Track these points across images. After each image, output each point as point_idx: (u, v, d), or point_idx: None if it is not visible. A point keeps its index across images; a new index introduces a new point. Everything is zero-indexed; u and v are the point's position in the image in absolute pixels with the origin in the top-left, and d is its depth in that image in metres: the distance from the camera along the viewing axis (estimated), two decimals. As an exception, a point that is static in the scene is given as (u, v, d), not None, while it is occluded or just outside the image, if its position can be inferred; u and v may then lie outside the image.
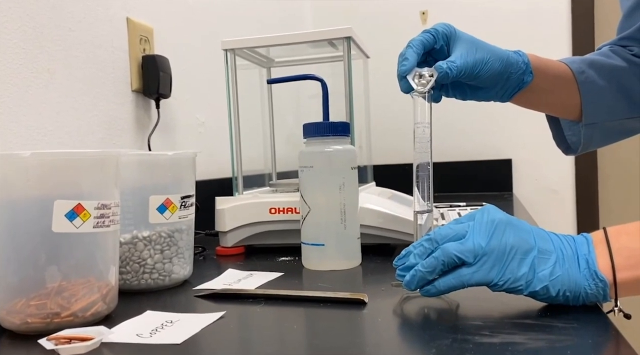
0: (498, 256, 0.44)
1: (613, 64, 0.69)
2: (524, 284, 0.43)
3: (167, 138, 1.01)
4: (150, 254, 0.59)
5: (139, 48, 0.91)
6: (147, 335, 0.44)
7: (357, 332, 0.46)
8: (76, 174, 0.47)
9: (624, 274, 0.42)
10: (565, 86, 0.68)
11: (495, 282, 0.44)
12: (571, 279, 0.43)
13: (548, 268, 0.43)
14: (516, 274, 0.43)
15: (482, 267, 0.44)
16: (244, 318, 0.50)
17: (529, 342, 0.38)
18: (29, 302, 0.46)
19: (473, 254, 0.44)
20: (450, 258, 0.44)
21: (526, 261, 0.43)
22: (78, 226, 0.46)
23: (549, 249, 0.44)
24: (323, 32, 0.79)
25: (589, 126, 0.70)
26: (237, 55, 0.83)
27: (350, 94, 0.78)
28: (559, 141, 0.78)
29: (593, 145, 0.73)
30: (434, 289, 0.46)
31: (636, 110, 0.69)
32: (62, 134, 0.75)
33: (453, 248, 0.44)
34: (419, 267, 0.46)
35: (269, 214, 0.77)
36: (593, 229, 0.46)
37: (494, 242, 0.44)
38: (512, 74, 0.62)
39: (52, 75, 0.73)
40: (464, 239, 0.45)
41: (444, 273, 0.45)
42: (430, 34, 0.58)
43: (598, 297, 0.43)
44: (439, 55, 0.60)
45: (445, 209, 1.16)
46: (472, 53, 0.58)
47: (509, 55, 0.62)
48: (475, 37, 0.60)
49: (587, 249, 0.44)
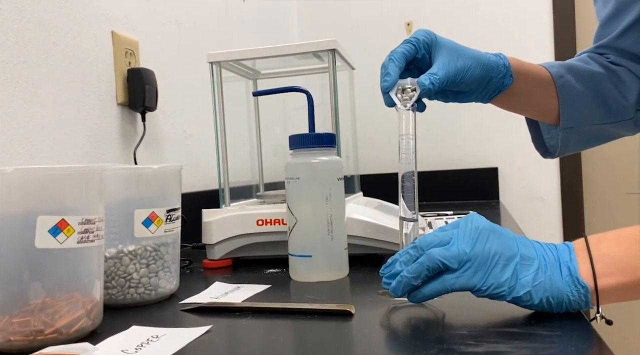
0: (481, 262, 0.44)
1: (591, 70, 0.70)
2: (507, 289, 0.44)
3: (154, 151, 1.01)
4: (135, 268, 0.59)
5: (124, 61, 0.91)
6: (132, 350, 0.44)
7: (344, 343, 0.46)
8: (59, 189, 0.47)
9: (605, 280, 0.43)
10: (545, 90, 0.69)
11: (479, 287, 0.44)
12: (554, 285, 0.43)
13: (531, 274, 0.44)
14: (499, 279, 0.44)
15: (465, 273, 0.44)
16: (231, 332, 0.50)
17: (514, 350, 0.38)
18: (12, 319, 0.45)
19: (457, 259, 0.45)
20: (435, 263, 0.45)
21: (509, 267, 0.44)
22: (62, 242, 0.46)
23: (532, 255, 0.45)
24: (308, 44, 0.80)
25: (566, 130, 0.71)
26: (223, 67, 0.83)
27: (335, 105, 0.78)
28: (538, 144, 0.79)
29: (570, 149, 0.74)
30: (419, 294, 0.47)
31: (611, 116, 0.70)
32: (47, 149, 0.74)
33: (437, 253, 0.45)
34: (404, 273, 0.46)
35: (257, 226, 0.76)
36: (578, 237, 0.47)
37: (477, 248, 0.45)
38: (493, 77, 0.63)
39: (36, 89, 0.73)
40: (448, 245, 0.46)
41: (429, 279, 0.46)
42: (411, 44, 0.58)
43: (580, 304, 0.44)
44: (421, 63, 0.60)
45: (432, 218, 1.17)
46: (453, 61, 0.59)
47: (490, 59, 0.62)
48: (456, 43, 0.61)
49: (568, 256, 0.45)
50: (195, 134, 1.16)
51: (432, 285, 0.46)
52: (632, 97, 0.69)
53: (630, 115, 0.70)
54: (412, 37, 0.59)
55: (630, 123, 0.71)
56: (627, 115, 0.70)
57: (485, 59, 0.62)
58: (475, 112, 1.67)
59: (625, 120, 0.71)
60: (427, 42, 0.59)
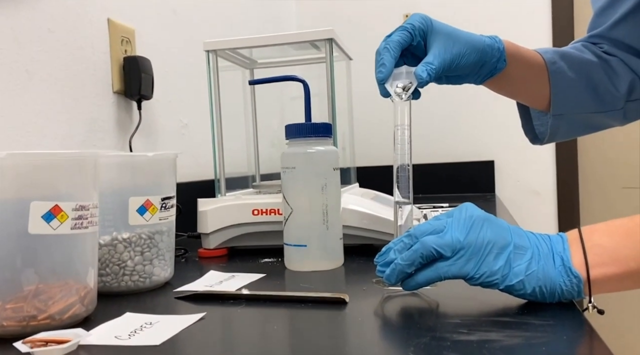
0: (475, 250, 0.44)
1: (584, 58, 0.70)
2: (500, 278, 0.44)
3: (149, 140, 1.01)
4: (130, 255, 0.59)
5: (120, 49, 0.91)
6: (125, 337, 0.44)
7: (337, 331, 0.46)
8: (53, 175, 0.47)
9: (597, 270, 0.43)
10: (537, 75, 0.69)
11: (472, 275, 0.44)
12: (546, 274, 0.44)
13: (524, 263, 0.44)
14: (492, 267, 0.44)
15: (458, 260, 0.45)
16: (225, 319, 0.50)
17: (506, 339, 0.39)
18: (5, 305, 0.45)
19: (451, 247, 0.45)
20: (429, 251, 0.45)
21: (502, 256, 0.44)
22: (55, 228, 0.46)
23: (525, 245, 0.45)
24: (305, 33, 0.80)
25: (556, 117, 0.71)
26: (219, 56, 0.83)
27: (332, 95, 0.78)
28: (527, 130, 0.79)
29: (559, 136, 0.74)
30: (413, 282, 0.47)
31: (601, 106, 0.70)
32: (42, 136, 0.74)
33: (431, 241, 0.45)
34: (398, 261, 0.46)
35: (252, 216, 0.76)
36: (573, 230, 0.47)
37: (471, 236, 0.45)
38: (487, 61, 0.63)
39: (31, 76, 0.72)
40: (442, 233, 0.46)
41: (423, 266, 0.46)
42: (407, 31, 0.58)
43: (573, 294, 0.44)
44: (416, 50, 0.60)
45: (428, 210, 1.17)
46: (449, 48, 0.58)
47: (485, 44, 0.62)
48: (451, 28, 0.60)
49: (562, 246, 0.45)
50: (191, 123, 1.16)
51: (426, 272, 0.46)
52: (623, 87, 0.69)
53: (620, 105, 0.70)
54: (408, 24, 0.58)
55: (619, 113, 0.71)
56: (617, 105, 0.70)
57: (480, 43, 0.61)
58: (472, 105, 1.68)
59: (615, 110, 0.71)
60: (423, 28, 0.58)
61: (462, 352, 0.37)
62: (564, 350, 0.37)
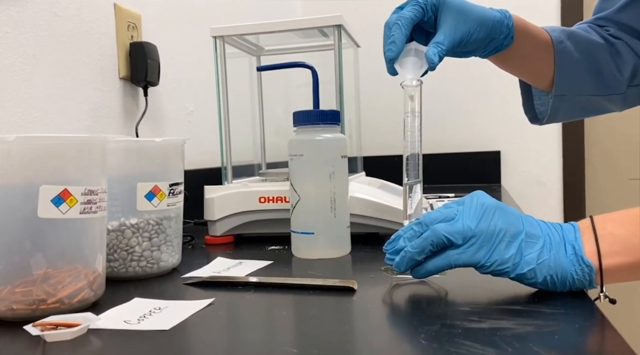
0: (486, 238, 0.44)
1: (591, 39, 0.69)
2: (511, 266, 0.43)
3: (155, 127, 1.00)
4: (138, 241, 0.59)
5: (126, 35, 0.90)
6: (134, 321, 0.44)
7: (346, 318, 0.46)
8: (62, 159, 0.47)
9: (609, 260, 0.43)
10: (543, 54, 0.68)
11: (483, 263, 0.44)
12: (558, 263, 0.43)
13: (535, 251, 0.44)
14: (503, 256, 0.44)
15: (469, 248, 0.44)
16: (233, 305, 0.50)
17: (517, 327, 0.38)
18: (14, 289, 0.45)
19: (462, 235, 0.44)
20: (439, 238, 0.45)
21: (514, 244, 0.44)
22: (64, 212, 0.46)
23: (537, 233, 0.45)
24: (314, 19, 0.79)
25: (558, 97, 0.70)
26: (226, 42, 0.82)
27: (340, 82, 0.77)
28: (527, 109, 0.78)
29: (559, 117, 0.74)
30: (422, 269, 0.46)
31: (604, 89, 0.69)
32: (48, 121, 0.74)
33: (442, 229, 0.45)
34: (408, 248, 0.46)
35: (259, 203, 0.76)
36: (579, 221, 0.47)
37: (482, 224, 0.44)
38: (495, 38, 0.62)
39: (37, 61, 0.72)
40: (453, 221, 0.45)
41: (433, 254, 0.46)
42: (419, 6, 0.56)
43: (584, 283, 0.43)
44: (426, 25, 0.59)
45: (434, 200, 1.16)
46: (460, 26, 0.57)
47: (495, 20, 0.61)
48: (462, 1, 0.59)
49: (573, 235, 0.44)
50: (197, 111, 1.15)
51: (436, 260, 0.46)
52: (627, 71, 0.68)
53: (622, 90, 0.69)
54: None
55: (620, 98, 0.70)
56: (619, 89, 0.69)
57: (490, 19, 0.60)
58: (478, 96, 1.66)
59: (616, 94, 0.70)
60: (435, 3, 0.57)
61: (473, 339, 0.36)
62: (576, 338, 0.37)
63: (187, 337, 0.41)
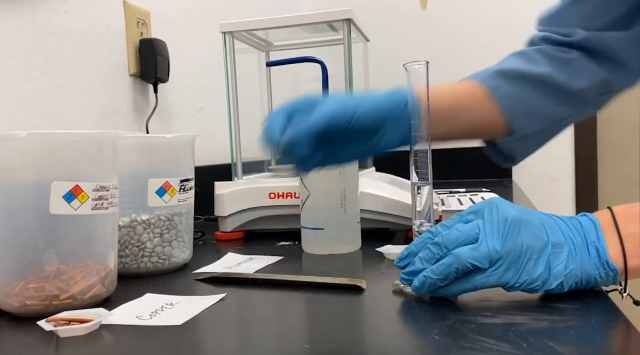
0: (514, 259, 0.41)
1: (533, 73, 0.62)
2: (541, 283, 0.41)
3: (165, 123, 1.01)
4: (149, 237, 0.59)
5: (136, 32, 0.90)
6: (147, 317, 0.44)
7: (358, 314, 0.46)
8: (73, 155, 0.47)
9: (634, 261, 0.41)
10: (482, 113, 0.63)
11: (512, 285, 0.42)
12: (583, 270, 0.41)
13: (562, 263, 0.41)
14: (533, 275, 0.41)
15: (497, 271, 0.41)
16: (245, 301, 0.50)
17: (532, 322, 0.38)
18: (27, 285, 0.45)
19: (488, 259, 0.41)
20: (465, 266, 0.42)
21: (542, 260, 0.41)
22: (76, 208, 0.46)
23: (561, 241, 0.42)
24: (323, 14, 0.78)
25: (523, 138, 0.65)
26: (235, 38, 0.82)
27: (350, 77, 0.77)
28: (492, 153, 0.71)
29: (530, 151, 0.70)
30: (446, 292, 0.44)
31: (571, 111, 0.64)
32: (59, 119, 0.74)
33: (467, 255, 0.41)
34: (430, 274, 0.43)
35: (269, 199, 0.76)
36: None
37: (509, 244, 0.41)
38: None
39: (48, 58, 0.72)
40: (477, 244, 0.42)
41: (456, 278, 0.43)
42: None
43: (607, 284, 0.42)
44: None
45: (445, 196, 1.16)
46: None
47: None
48: None
49: (596, 235, 0.42)
50: (206, 107, 1.15)
51: (461, 285, 0.43)
52: (589, 83, 0.62)
53: (590, 102, 0.65)
54: None
55: (591, 110, 0.67)
56: (587, 104, 0.64)
57: None
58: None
59: (587, 108, 0.65)
60: None
61: (487, 335, 0.36)
62: (593, 334, 0.37)
63: (200, 332, 0.41)
